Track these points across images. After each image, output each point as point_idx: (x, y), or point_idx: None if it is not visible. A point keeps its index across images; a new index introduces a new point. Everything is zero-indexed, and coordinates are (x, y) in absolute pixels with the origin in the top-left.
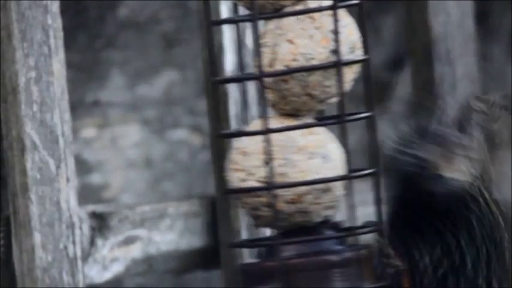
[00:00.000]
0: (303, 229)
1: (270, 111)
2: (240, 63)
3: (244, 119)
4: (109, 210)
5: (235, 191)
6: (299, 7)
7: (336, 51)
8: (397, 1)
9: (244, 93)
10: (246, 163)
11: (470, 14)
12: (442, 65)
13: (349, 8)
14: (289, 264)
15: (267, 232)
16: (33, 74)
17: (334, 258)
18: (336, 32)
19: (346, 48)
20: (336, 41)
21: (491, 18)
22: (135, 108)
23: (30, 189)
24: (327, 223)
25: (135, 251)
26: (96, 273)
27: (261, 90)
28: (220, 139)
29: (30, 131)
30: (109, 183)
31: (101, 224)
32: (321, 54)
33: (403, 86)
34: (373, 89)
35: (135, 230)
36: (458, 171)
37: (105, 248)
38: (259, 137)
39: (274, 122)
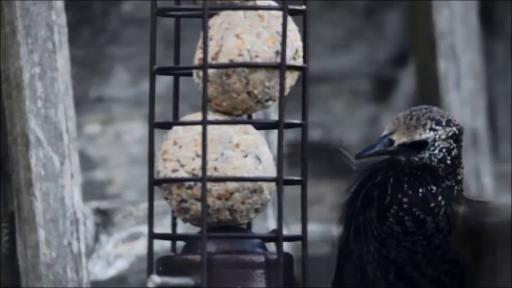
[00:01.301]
0: (228, 229)
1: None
2: (177, 56)
3: (175, 112)
4: (113, 206)
5: (165, 181)
6: (249, 5)
7: (281, 53)
8: None
9: (177, 87)
10: (178, 154)
11: (474, 9)
12: (446, 60)
13: (294, 16)
14: (212, 259)
15: (191, 227)
16: (37, 69)
17: (258, 259)
18: (283, 34)
19: (290, 52)
20: (283, 43)
21: (495, 14)
22: (138, 104)
23: (35, 185)
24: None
25: (139, 247)
26: (100, 269)
27: (204, 80)
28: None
29: (35, 127)
30: (113, 179)
31: (105, 220)
32: (265, 53)
33: (408, 81)
34: (308, 98)
35: (139, 226)
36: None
37: (109, 244)
38: (195, 130)
39: (210, 118)
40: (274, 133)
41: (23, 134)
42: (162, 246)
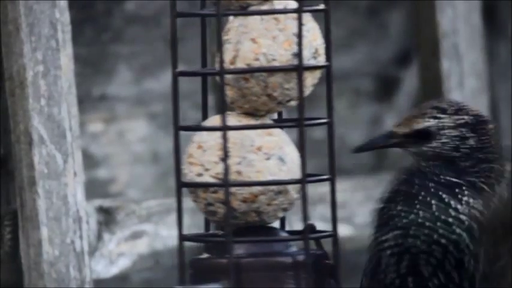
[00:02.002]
0: (255, 229)
1: (229, 109)
2: (203, 58)
3: (204, 113)
4: (116, 204)
5: (190, 185)
6: (265, 7)
7: (298, 55)
8: None
9: (205, 88)
10: (202, 158)
11: (477, 9)
12: (449, 60)
13: (317, 13)
14: (241, 262)
15: (220, 229)
16: (40, 68)
17: (286, 260)
18: (299, 36)
19: (309, 52)
20: (299, 44)
21: (498, 14)
22: (141, 103)
23: (38, 183)
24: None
25: (142, 246)
26: (102, 267)
27: (221, 86)
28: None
29: (38, 125)
30: (116, 177)
31: (107, 218)
32: (282, 56)
33: (411, 81)
34: (333, 95)
35: (142, 224)
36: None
37: (112, 243)
38: (218, 133)
39: (233, 120)
40: None
41: (26, 132)
42: (164, 244)
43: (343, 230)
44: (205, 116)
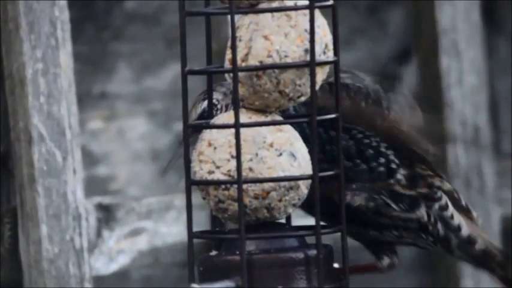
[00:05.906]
0: (266, 225)
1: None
2: (209, 57)
3: (209, 111)
4: (115, 202)
5: (202, 183)
6: (275, 4)
7: (310, 51)
8: None
9: (210, 86)
10: (213, 155)
11: (476, 6)
12: (448, 57)
13: (324, 9)
14: (252, 259)
15: (230, 225)
16: (40, 66)
17: (298, 255)
18: (311, 32)
19: (320, 48)
20: (311, 41)
21: (498, 11)
22: (141, 101)
23: (37, 181)
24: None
25: (141, 243)
26: (102, 264)
27: (234, 83)
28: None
29: (38, 123)
30: (115, 175)
31: (107, 215)
32: (294, 52)
33: (410, 78)
34: (340, 90)
35: (141, 221)
36: None
37: (112, 240)
38: (228, 131)
39: (243, 117)
40: None
41: (26, 130)
42: (164, 241)
43: None
44: (210, 114)
